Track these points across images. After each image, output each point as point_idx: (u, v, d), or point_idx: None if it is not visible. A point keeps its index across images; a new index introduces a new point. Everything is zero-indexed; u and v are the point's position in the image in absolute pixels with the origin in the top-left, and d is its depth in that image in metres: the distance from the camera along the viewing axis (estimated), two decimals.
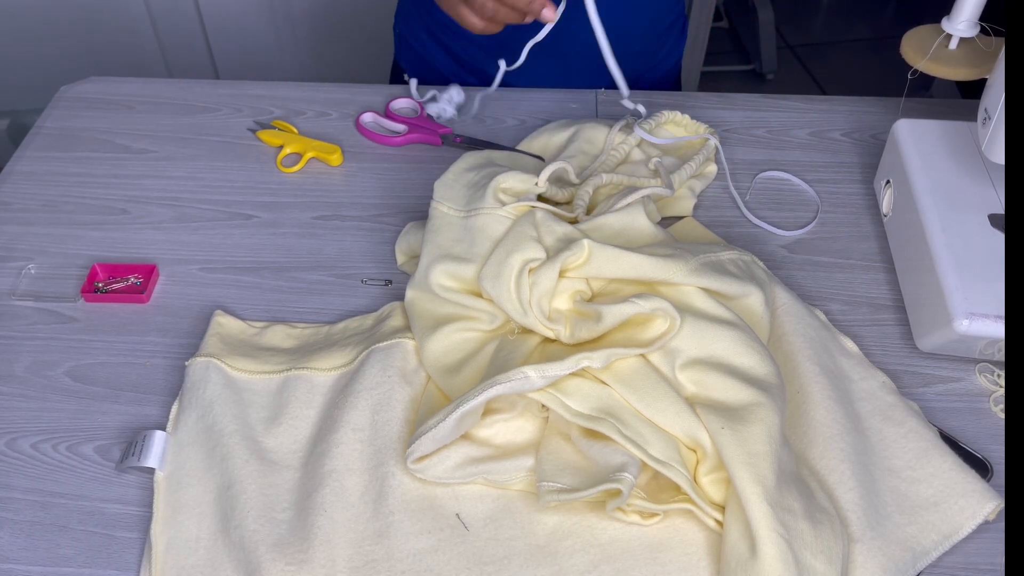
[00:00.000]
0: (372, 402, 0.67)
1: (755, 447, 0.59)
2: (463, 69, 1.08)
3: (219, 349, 0.73)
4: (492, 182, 0.74)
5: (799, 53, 2.67)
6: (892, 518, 0.62)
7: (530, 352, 0.68)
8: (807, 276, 0.81)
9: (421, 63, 1.12)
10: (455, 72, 1.08)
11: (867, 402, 0.68)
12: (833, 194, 0.89)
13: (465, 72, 1.08)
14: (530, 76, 1.02)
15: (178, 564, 0.61)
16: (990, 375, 0.72)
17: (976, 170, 0.78)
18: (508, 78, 1.04)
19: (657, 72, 1.12)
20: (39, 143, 0.96)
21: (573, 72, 1.03)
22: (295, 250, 0.84)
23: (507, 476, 0.64)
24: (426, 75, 1.11)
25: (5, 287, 0.81)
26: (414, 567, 0.60)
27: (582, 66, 1.02)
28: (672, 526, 0.61)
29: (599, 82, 1.05)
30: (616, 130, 0.89)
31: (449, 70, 1.09)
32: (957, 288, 0.68)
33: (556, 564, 0.60)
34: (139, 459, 0.66)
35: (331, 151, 0.93)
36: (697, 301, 0.67)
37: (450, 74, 1.09)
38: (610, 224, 0.74)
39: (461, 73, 1.08)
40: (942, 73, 0.82)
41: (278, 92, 1.02)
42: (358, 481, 0.64)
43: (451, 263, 0.72)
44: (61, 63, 1.87)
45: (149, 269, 0.81)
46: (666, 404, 0.62)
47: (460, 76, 1.08)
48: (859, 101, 1.00)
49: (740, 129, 0.96)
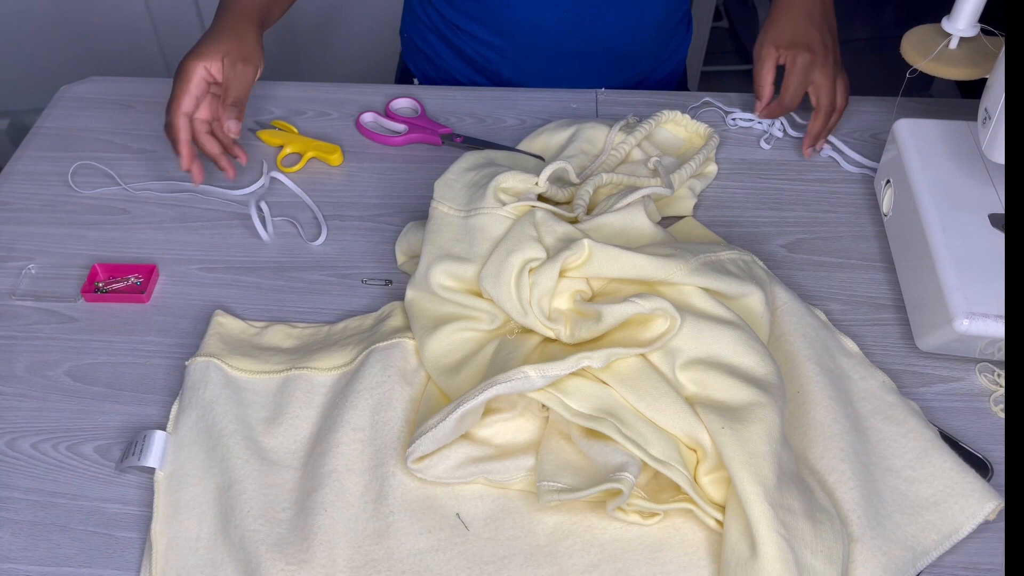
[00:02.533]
0: (372, 402, 0.67)
1: (755, 447, 0.59)
2: (473, 70, 1.08)
3: (219, 349, 0.73)
4: (492, 182, 0.74)
5: None
6: (892, 518, 0.62)
7: (530, 352, 0.68)
8: (807, 276, 0.81)
9: (430, 65, 1.11)
10: (466, 73, 1.08)
11: (867, 402, 0.68)
12: (833, 194, 0.89)
13: (475, 72, 1.08)
14: (546, 77, 1.03)
15: (178, 564, 0.61)
16: (990, 375, 0.72)
17: (976, 170, 0.78)
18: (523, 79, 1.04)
19: (667, 68, 1.12)
20: (39, 143, 0.96)
21: (591, 72, 1.03)
22: (295, 250, 0.84)
23: (507, 476, 0.64)
24: (435, 77, 1.12)
25: (5, 287, 0.81)
26: (414, 567, 0.60)
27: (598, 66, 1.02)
28: (672, 526, 0.61)
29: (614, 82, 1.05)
30: (616, 130, 0.89)
31: (459, 71, 1.09)
32: (957, 288, 0.68)
33: (556, 564, 0.60)
34: (139, 459, 0.66)
35: (331, 151, 0.93)
36: (697, 301, 0.67)
37: (460, 76, 1.09)
38: (610, 224, 0.74)
39: (471, 74, 1.08)
40: (942, 73, 0.82)
41: (278, 92, 1.02)
42: (358, 481, 0.64)
43: (451, 263, 0.72)
44: (61, 63, 1.87)
45: (149, 269, 0.81)
46: (666, 404, 0.62)
47: (470, 77, 1.08)
48: (859, 101, 1.00)
49: (740, 129, 0.96)
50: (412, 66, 1.15)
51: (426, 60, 1.11)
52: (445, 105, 1.00)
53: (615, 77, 1.05)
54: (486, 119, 0.98)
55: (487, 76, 1.07)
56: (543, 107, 0.99)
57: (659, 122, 0.90)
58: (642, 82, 1.09)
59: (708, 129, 0.91)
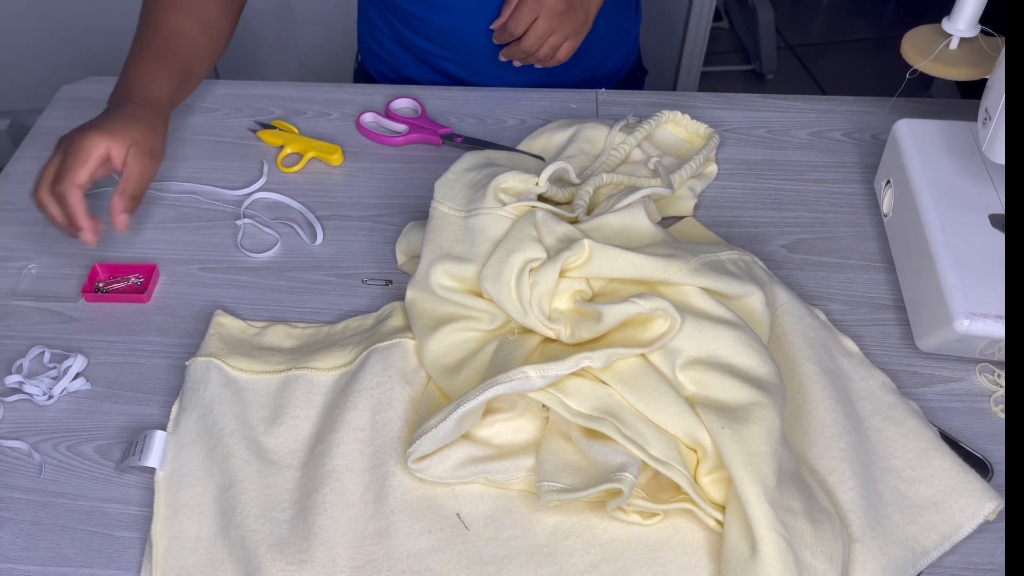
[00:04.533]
0: (372, 402, 0.67)
1: (755, 447, 0.59)
2: (432, 70, 1.08)
3: (219, 349, 0.73)
4: (492, 182, 0.74)
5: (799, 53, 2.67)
6: (892, 518, 0.62)
7: (530, 352, 0.68)
8: (807, 276, 0.81)
9: (390, 70, 1.12)
10: (425, 74, 1.09)
11: (867, 402, 0.68)
12: (833, 194, 0.89)
13: (434, 73, 1.08)
14: (529, 71, 1.03)
15: (178, 564, 0.61)
16: (990, 375, 0.72)
17: (976, 170, 0.78)
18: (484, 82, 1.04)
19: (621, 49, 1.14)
20: (39, 143, 0.96)
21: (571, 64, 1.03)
22: (295, 250, 0.84)
23: (507, 476, 0.64)
24: (395, 80, 1.11)
25: (5, 287, 0.81)
26: (414, 567, 0.60)
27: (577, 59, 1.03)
28: (672, 526, 0.62)
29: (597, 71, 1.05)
30: (616, 130, 0.89)
31: (418, 73, 1.09)
32: (957, 288, 0.68)
33: (556, 564, 0.60)
34: (139, 459, 0.66)
35: (331, 151, 0.93)
36: (697, 301, 0.67)
37: (420, 77, 1.09)
38: (610, 224, 0.74)
39: (430, 74, 1.08)
40: (942, 73, 0.82)
41: (278, 92, 1.02)
42: (358, 481, 0.64)
43: (451, 263, 0.72)
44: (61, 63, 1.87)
45: (149, 269, 0.81)
46: (666, 404, 0.62)
47: (429, 77, 1.09)
48: (859, 101, 1.00)
49: (740, 129, 0.96)
50: (373, 71, 1.14)
51: (385, 65, 1.12)
52: (445, 105, 1.00)
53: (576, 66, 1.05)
54: (486, 119, 0.98)
55: (444, 76, 1.08)
56: (543, 107, 0.99)
57: (659, 122, 0.90)
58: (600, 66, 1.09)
59: (708, 129, 0.91)
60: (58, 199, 0.74)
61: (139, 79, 0.83)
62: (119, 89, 0.83)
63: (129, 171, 0.77)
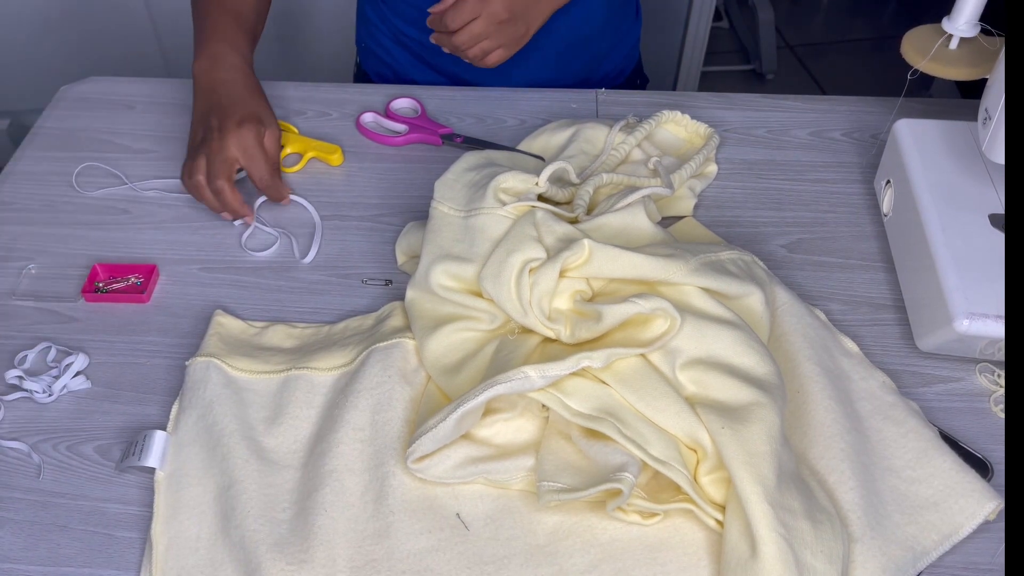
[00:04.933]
0: (372, 402, 0.67)
1: (755, 447, 0.59)
2: (430, 69, 1.08)
3: (219, 349, 0.73)
4: (492, 182, 0.74)
5: (799, 53, 2.67)
6: (892, 518, 0.62)
7: (530, 352, 0.68)
8: (807, 276, 0.81)
9: (388, 70, 1.12)
10: (422, 74, 1.09)
11: (867, 402, 0.68)
12: (833, 194, 0.89)
13: (434, 73, 1.08)
14: (527, 67, 1.03)
15: (178, 564, 0.61)
16: (990, 375, 0.72)
17: (976, 170, 0.78)
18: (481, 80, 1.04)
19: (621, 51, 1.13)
20: (39, 143, 0.96)
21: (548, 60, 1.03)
22: (295, 250, 0.84)
23: (507, 476, 0.64)
24: (394, 82, 1.11)
25: (5, 287, 0.81)
26: (414, 567, 0.60)
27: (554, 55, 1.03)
28: (672, 526, 0.62)
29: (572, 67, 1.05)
30: (616, 130, 0.89)
31: (416, 74, 1.09)
32: (957, 288, 0.68)
33: (556, 564, 0.60)
34: (139, 459, 0.66)
35: (331, 151, 0.93)
36: (697, 301, 0.67)
37: (418, 77, 1.09)
38: (610, 224, 0.74)
39: (428, 73, 1.08)
40: (942, 73, 0.82)
41: (278, 92, 1.02)
42: (358, 481, 0.64)
43: (451, 263, 0.72)
44: (61, 63, 1.87)
45: (149, 269, 0.81)
46: (666, 404, 0.62)
47: (427, 77, 1.08)
48: (859, 101, 1.00)
49: (740, 129, 0.96)
50: (371, 72, 1.14)
51: (384, 66, 1.11)
52: (445, 105, 1.00)
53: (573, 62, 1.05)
54: (486, 119, 0.98)
55: (446, 76, 1.07)
56: (543, 107, 0.99)
57: (659, 122, 0.90)
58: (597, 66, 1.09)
59: (708, 129, 0.91)
60: (216, 195, 0.83)
61: (224, 50, 0.89)
62: (206, 60, 0.89)
63: (269, 151, 0.85)
